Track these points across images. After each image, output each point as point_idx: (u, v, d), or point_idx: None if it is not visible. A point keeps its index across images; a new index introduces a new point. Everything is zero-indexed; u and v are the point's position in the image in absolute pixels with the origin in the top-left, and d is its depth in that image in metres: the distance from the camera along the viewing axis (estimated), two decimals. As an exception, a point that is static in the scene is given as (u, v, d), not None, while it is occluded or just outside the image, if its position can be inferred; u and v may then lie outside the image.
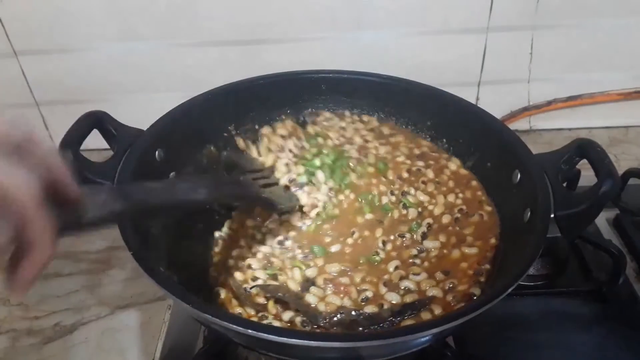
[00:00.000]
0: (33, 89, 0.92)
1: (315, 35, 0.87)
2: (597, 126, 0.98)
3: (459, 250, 0.60)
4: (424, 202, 0.66)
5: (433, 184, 0.68)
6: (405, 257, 0.61)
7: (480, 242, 0.61)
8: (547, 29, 0.87)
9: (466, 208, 0.64)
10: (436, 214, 0.65)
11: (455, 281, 0.57)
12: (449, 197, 0.66)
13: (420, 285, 0.57)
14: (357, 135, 0.73)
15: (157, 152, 0.62)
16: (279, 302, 0.56)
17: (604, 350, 0.63)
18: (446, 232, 0.63)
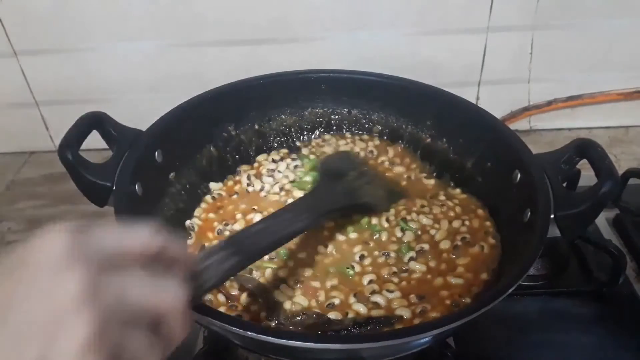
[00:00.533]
0: (33, 89, 0.92)
1: (315, 35, 0.87)
2: (597, 126, 0.98)
3: (444, 278, 0.57)
4: (426, 225, 0.63)
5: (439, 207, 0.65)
6: (382, 274, 0.58)
7: (471, 275, 0.57)
8: (547, 29, 0.87)
9: (469, 237, 0.61)
10: (437, 239, 0.61)
11: (429, 306, 0.54)
12: (454, 224, 0.63)
13: (390, 303, 0.55)
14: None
15: (157, 153, 0.62)
16: (251, 295, 0.56)
17: (604, 350, 0.63)
18: (439, 258, 0.59)
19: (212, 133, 0.71)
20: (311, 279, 0.58)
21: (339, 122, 0.77)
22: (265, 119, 0.75)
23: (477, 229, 0.62)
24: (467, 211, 0.65)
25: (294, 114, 0.76)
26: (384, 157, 0.73)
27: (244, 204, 0.67)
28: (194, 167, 0.68)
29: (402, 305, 0.55)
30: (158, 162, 0.62)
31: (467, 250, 0.60)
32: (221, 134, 0.72)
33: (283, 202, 0.66)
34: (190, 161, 0.68)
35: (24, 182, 0.95)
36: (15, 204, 0.90)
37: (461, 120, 0.68)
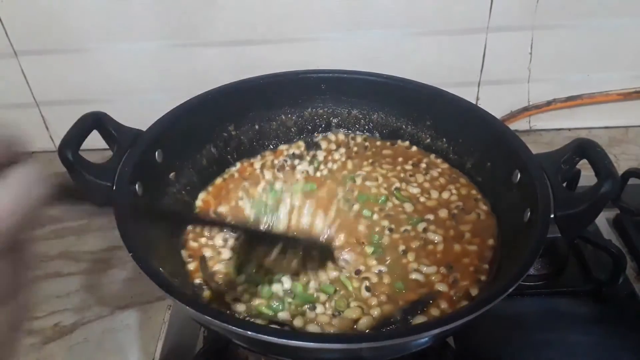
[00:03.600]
0: (33, 89, 0.92)
1: (315, 36, 0.87)
2: (597, 126, 0.98)
3: (460, 245, 0.61)
4: (416, 194, 0.68)
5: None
6: (411, 246, 0.62)
7: (478, 241, 0.61)
8: (547, 29, 0.87)
9: (463, 205, 0.66)
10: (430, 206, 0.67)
11: (458, 275, 0.58)
12: (444, 194, 0.67)
13: (428, 278, 0.58)
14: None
15: (157, 153, 0.62)
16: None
17: (603, 350, 0.63)
18: (444, 226, 0.63)
19: (212, 133, 0.71)
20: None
21: (339, 122, 0.77)
22: (265, 119, 0.75)
23: (467, 197, 0.67)
24: (452, 181, 0.70)
25: (294, 114, 0.76)
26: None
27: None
28: (194, 167, 0.68)
29: (438, 280, 0.58)
30: (158, 162, 0.62)
31: (465, 218, 0.64)
32: (221, 134, 0.72)
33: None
34: (191, 161, 0.68)
35: (24, 182, 0.95)
36: (15, 204, 0.90)
37: (461, 120, 0.68)
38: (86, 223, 0.84)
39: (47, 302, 0.72)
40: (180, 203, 0.65)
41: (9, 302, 0.30)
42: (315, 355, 0.47)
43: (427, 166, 0.72)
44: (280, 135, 0.76)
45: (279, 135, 0.76)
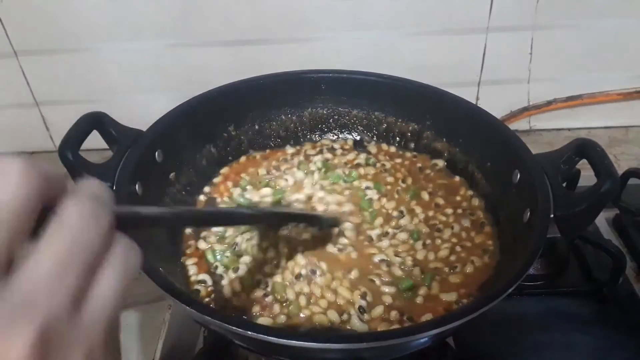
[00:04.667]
0: (33, 89, 0.92)
1: (315, 36, 0.87)
2: (597, 126, 0.98)
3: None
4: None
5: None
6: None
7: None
8: (547, 29, 0.87)
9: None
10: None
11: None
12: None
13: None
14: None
15: (157, 153, 0.62)
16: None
17: (603, 350, 0.63)
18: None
19: (212, 133, 0.71)
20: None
21: (339, 122, 0.77)
22: (265, 119, 0.75)
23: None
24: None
25: (294, 114, 0.76)
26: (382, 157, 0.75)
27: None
28: (194, 167, 0.68)
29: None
30: (158, 162, 0.62)
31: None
32: (221, 134, 0.72)
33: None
34: (191, 161, 0.68)
35: (24, 182, 0.95)
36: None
37: (461, 120, 0.68)
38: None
39: (47, 302, 0.72)
40: (180, 203, 0.65)
41: None
42: (315, 355, 0.47)
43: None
44: (281, 135, 0.76)
45: (280, 135, 0.76)
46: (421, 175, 0.71)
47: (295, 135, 0.77)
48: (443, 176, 0.71)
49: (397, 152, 0.75)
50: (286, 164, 0.73)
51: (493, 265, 0.59)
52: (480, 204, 0.66)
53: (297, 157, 0.74)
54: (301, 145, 0.77)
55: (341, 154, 0.75)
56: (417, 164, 0.73)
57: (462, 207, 0.66)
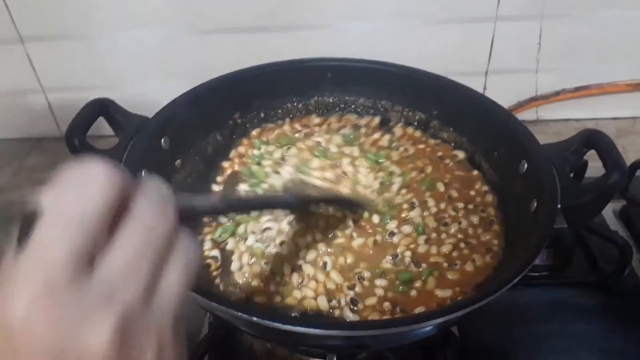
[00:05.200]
0: (39, 76, 0.92)
1: (322, 24, 0.86)
2: (605, 117, 0.97)
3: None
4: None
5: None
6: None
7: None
8: (555, 18, 0.86)
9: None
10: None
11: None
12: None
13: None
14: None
15: (163, 140, 0.62)
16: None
17: (608, 341, 0.63)
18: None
19: (218, 121, 0.71)
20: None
21: (346, 110, 0.76)
22: (271, 106, 0.74)
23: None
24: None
25: (299, 102, 0.76)
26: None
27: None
28: (199, 154, 0.68)
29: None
30: (164, 148, 0.62)
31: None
32: (227, 122, 0.72)
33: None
34: (196, 148, 0.68)
35: (31, 168, 0.95)
36: (21, 190, 0.90)
37: (468, 109, 0.68)
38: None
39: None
40: (186, 190, 0.65)
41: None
42: (320, 342, 0.47)
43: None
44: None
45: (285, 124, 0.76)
46: (441, 165, 0.69)
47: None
48: (461, 168, 0.69)
49: (421, 138, 0.73)
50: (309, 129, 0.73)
51: (493, 266, 0.57)
52: (493, 201, 0.64)
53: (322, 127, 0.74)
54: (326, 117, 0.76)
55: (365, 132, 0.74)
56: (438, 153, 0.71)
57: (475, 202, 0.64)
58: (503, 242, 0.60)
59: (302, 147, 0.69)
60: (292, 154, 0.68)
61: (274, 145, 0.70)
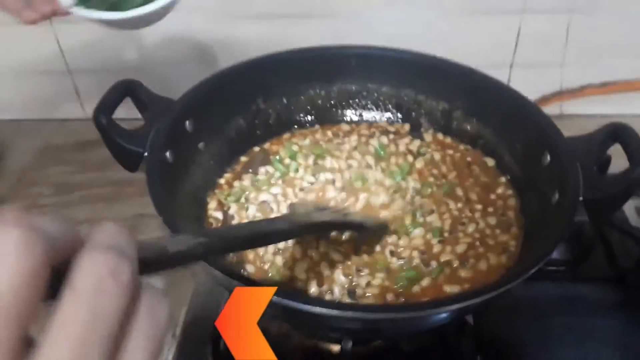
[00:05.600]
0: (66, 57, 0.94)
1: (346, 11, 0.86)
2: (632, 113, 0.95)
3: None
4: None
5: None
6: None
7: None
8: (584, 13, 0.85)
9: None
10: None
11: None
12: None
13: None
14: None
15: (187, 122, 0.62)
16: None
17: (625, 337, 0.62)
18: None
19: (241, 105, 0.71)
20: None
21: (369, 99, 0.77)
22: (294, 93, 0.75)
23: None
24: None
25: (322, 89, 0.76)
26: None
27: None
28: (222, 138, 0.69)
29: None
30: (188, 131, 0.63)
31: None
32: (250, 107, 0.72)
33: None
34: (220, 132, 0.69)
35: (55, 148, 0.97)
36: (45, 170, 0.92)
37: (492, 100, 0.67)
38: (115, 190, 0.86)
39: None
40: (208, 173, 0.66)
41: None
42: (333, 324, 0.47)
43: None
44: (310, 110, 0.76)
45: (308, 110, 0.76)
46: (466, 170, 0.68)
47: (323, 111, 0.77)
48: (490, 175, 0.67)
49: (451, 144, 0.72)
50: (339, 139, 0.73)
51: (507, 266, 0.56)
52: (516, 205, 0.63)
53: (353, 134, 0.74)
54: (357, 124, 0.76)
55: (393, 139, 0.73)
56: (467, 158, 0.70)
57: (496, 205, 0.63)
58: (520, 245, 0.59)
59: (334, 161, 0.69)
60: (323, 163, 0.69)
61: (306, 152, 0.71)
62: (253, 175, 0.68)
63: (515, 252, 0.58)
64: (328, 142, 0.72)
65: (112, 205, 0.84)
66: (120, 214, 0.82)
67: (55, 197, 0.86)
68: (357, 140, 0.72)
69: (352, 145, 0.71)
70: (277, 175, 0.67)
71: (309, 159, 0.69)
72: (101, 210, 0.83)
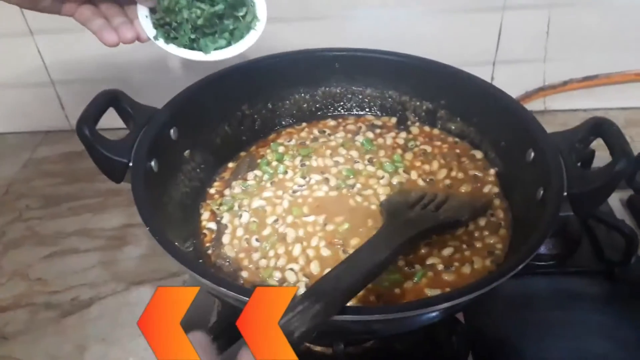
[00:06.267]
0: (49, 68, 0.93)
1: (329, 14, 0.86)
2: (614, 107, 0.97)
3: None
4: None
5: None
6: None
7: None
8: (563, 7, 0.86)
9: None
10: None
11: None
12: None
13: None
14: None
15: (172, 131, 0.62)
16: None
17: (614, 330, 0.63)
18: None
19: (226, 112, 0.71)
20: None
21: (353, 101, 0.77)
22: (279, 97, 0.75)
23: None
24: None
25: (307, 93, 0.76)
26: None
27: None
28: (208, 145, 0.69)
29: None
30: (173, 139, 0.62)
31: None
32: (235, 113, 0.72)
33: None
34: (205, 139, 0.69)
35: (40, 160, 0.96)
36: (32, 182, 0.91)
37: (476, 98, 0.68)
38: (102, 201, 0.85)
39: (64, 277, 0.74)
40: (195, 181, 0.66)
41: None
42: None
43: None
44: (295, 114, 0.76)
45: (293, 114, 0.76)
46: (455, 162, 0.68)
47: (308, 114, 0.77)
48: (479, 168, 0.68)
49: (439, 135, 0.73)
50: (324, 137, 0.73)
51: (491, 270, 0.56)
52: (504, 205, 0.63)
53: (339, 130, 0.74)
54: (343, 119, 0.77)
55: (379, 133, 0.73)
56: (456, 150, 0.70)
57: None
58: (507, 248, 0.59)
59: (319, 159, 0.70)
60: (310, 163, 0.69)
61: (293, 152, 0.71)
62: (242, 181, 0.68)
63: (500, 255, 0.58)
64: (314, 140, 0.73)
65: (100, 216, 0.83)
66: (107, 225, 0.81)
67: (43, 209, 0.85)
68: (343, 137, 0.73)
69: (338, 142, 0.72)
70: (266, 178, 0.67)
71: (295, 159, 0.69)
72: (89, 221, 0.82)
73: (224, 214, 0.64)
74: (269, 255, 0.58)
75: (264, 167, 0.69)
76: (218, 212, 0.64)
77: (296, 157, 0.70)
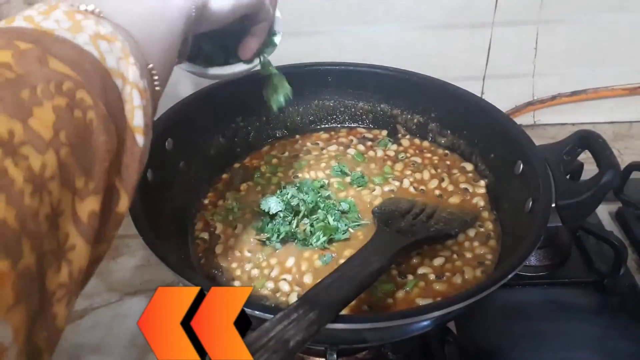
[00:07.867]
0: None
1: (322, 29, 0.87)
2: (601, 121, 0.98)
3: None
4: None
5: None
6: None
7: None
8: (552, 23, 0.88)
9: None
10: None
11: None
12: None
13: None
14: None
15: (167, 142, 0.63)
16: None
17: (604, 340, 0.64)
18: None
19: (220, 124, 0.72)
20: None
21: (346, 114, 0.78)
22: (272, 110, 0.75)
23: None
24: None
25: (300, 106, 0.77)
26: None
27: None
28: (202, 156, 0.69)
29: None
30: (168, 150, 0.63)
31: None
32: (229, 125, 0.73)
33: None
34: (200, 150, 0.69)
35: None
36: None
37: (466, 112, 0.69)
38: (96, 212, 0.85)
39: (58, 288, 0.74)
40: (189, 191, 0.67)
41: None
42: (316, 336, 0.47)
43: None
44: (288, 127, 0.77)
45: (287, 126, 0.77)
46: (446, 174, 0.69)
47: (301, 126, 0.78)
48: (470, 180, 0.68)
49: (430, 147, 0.74)
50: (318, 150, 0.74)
51: (482, 280, 0.57)
52: (492, 216, 0.64)
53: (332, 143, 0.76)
54: (335, 131, 0.78)
55: (370, 145, 0.75)
56: (447, 162, 0.72)
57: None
58: (497, 258, 0.59)
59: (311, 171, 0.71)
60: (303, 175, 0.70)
61: (286, 164, 0.72)
62: (236, 192, 0.68)
63: (490, 265, 0.58)
64: (307, 153, 0.74)
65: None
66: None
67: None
68: (335, 150, 0.74)
69: (330, 155, 0.73)
70: (259, 189, 0.68)
71: (288, 171, 0.70)
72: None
73: (217, 224, 0.64)
74: (262, 265, 0.59)
75: (257, 180, 0.69)
76: (211, 222, 0.65)
77: (289, 169, 0.71)
